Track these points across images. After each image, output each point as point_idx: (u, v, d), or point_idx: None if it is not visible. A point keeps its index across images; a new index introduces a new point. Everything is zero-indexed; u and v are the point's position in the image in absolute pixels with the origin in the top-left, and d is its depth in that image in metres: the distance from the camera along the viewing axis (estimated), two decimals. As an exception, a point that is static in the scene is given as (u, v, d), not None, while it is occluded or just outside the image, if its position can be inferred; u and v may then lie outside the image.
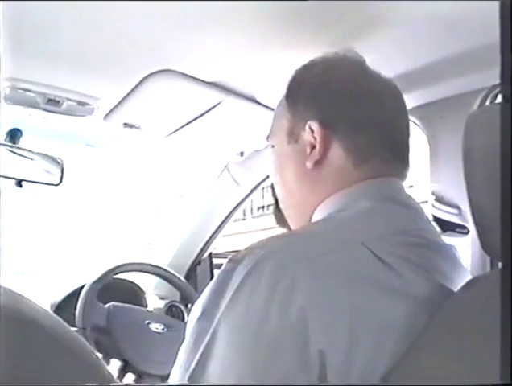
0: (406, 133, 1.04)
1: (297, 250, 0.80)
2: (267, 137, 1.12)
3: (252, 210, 11.54)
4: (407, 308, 0.79)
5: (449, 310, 0.77)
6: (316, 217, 0.97)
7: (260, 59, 1.32)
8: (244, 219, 11.09)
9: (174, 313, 2.17)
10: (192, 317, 0.81)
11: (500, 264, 0.78)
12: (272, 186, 1.13)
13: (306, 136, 0.98)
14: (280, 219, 1.12)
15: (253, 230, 9.42)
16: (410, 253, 0.85)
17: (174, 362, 0.80)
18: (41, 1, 1.02)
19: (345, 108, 0.98)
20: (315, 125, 0.96)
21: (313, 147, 0.97)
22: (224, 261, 0.82)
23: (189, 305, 2.11)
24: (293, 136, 1.01)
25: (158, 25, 1.13)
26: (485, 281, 0.80)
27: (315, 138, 0.97)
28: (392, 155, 0.99)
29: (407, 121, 1.05)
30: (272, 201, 1.17)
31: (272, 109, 1.58)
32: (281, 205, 1.10)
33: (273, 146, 1.09)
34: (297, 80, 1.05)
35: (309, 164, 0.97)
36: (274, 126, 1.09)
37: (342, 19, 1.15)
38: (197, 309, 0.81)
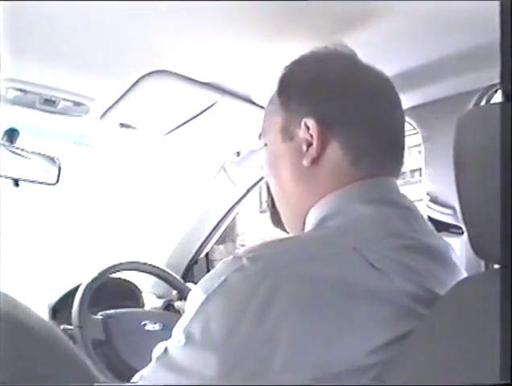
0: (402, 129, 1.03)
1: (285, 256, 0.80)
2: (259, 136, 1.10)
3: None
4: (395, 314, 0.78)
5: (437, 311, 0.77)
6: (310, 218, 0.97)
7: (255, 59, 1.32)
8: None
9: (171, 312, 2.16)
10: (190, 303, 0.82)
11: (496, 266, 0.78)
12: (268, 186, 1.11)
13: (301, 133, 0.96)
14: (276, 219, 1.11)
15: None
16: (402, 256, 0.84)
17: None
18: (37, 1, 1.02)
19: (341, 104, 0.96)
20: (311, 122, 0.95)
21: (309, 144, 0.96)
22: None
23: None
24: (288, 133, 0.99)
25: (153, 25, 1.13)
26: (473, 282, 0.80)
27: (311, 135, 0.95)
28: (387, 152, 0.98)
29: (403, 115, 1.04)
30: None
31: (267, 110, 1.59)
32: (277, 204, 1.08)
33: (266, 145, 1.07)
34: (288, 76, 1.03)
35: (306, 162, 0.96)
36: (267, 124, 1.07)
37: (338, 13, 1.14)
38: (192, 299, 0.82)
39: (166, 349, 0.81)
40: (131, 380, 0.86)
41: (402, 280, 0.81)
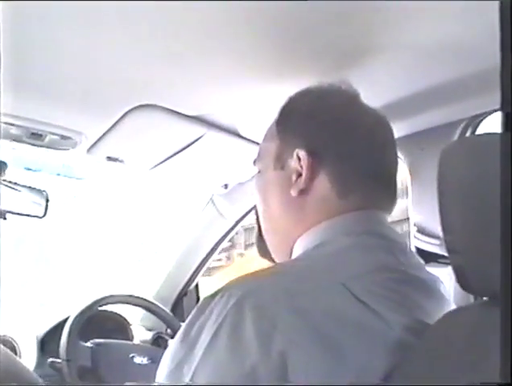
0: (394, 168, 1.03)
1: (276, 290, 0.78)
2: (254, 161, 1.11)
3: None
4: (387, 348, 0.77)
5: (424, 343, 0.77)
6: (297, 248, 0.97)
7: (242, 92, 1.32)
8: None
9: (160, 344, 2.16)
10: (165, 362, 0.80)
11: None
12: (257, 213, 1.11)
13: (293, 163, 0.97)
14: (262, 249, 1.11)
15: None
16: (389, 291, 0.84)
17: None
18: (23, 35, 1.02)
19: (333, 138, 0.97)
20: (302, 153, 0.96)
21: (299, 175, 0.96)
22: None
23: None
24: (280, 162, 1.00)
25: (141, 59, 1.14)
26: (461, 314, 0.80)
27: (301, 166, 0.96)
28: (378, 188, 0.98)
29: (395, 155, 1.05)
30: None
31: (254, 142, 1.59)
32: (263, 232, 1.09)
33: (259, 171, 1.08)
34: (288, 107, 1.04)
35: (294, 192, 0.97)
36: (262, 151, 1.08)
37: (326, 52, 1.15)
38: (171, 354, 0.80)
39: None
40: None
41: (390, 314, 0.80)
